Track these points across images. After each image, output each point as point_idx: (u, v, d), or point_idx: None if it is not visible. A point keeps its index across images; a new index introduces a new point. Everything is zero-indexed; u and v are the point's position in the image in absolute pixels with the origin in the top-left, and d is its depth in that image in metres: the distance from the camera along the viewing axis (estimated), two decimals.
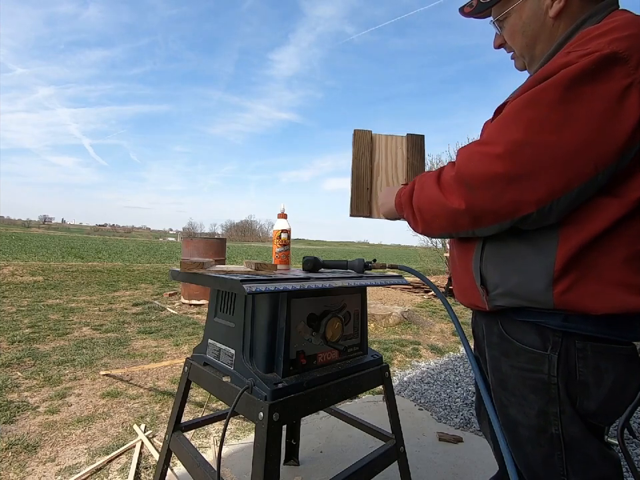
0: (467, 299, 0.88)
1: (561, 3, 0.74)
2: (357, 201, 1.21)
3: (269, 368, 1.02)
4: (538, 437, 0.76)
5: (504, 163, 0.63)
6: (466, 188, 0.68)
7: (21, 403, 2.25)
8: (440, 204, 0.73)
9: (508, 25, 0.83)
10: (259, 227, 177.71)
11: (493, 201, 0.66)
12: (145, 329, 4.08)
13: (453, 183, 0.70)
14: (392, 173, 1.25)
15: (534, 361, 0.75)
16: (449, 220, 0.73)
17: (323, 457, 1.84)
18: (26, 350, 3.18)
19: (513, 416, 0.80)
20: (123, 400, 2.37)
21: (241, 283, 0.90)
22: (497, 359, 0.82)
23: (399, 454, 1.29)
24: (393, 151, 1.26)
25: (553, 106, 0.62)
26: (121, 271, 9.31)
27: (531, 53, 0.83)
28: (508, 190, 0.64)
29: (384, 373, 1.28)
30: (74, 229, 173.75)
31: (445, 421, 2.27)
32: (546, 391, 0.74)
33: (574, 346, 0.71)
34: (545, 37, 0.79)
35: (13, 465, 1.68)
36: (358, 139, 1.26)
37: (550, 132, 0.61)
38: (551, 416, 0.74)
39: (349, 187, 1.22)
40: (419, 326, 4.62)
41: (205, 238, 5.56)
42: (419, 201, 0.79)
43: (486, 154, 0.65)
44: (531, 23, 0.79)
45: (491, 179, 0.65)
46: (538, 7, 0.77)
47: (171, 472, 1.64)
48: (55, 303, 5.18)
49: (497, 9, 0.83)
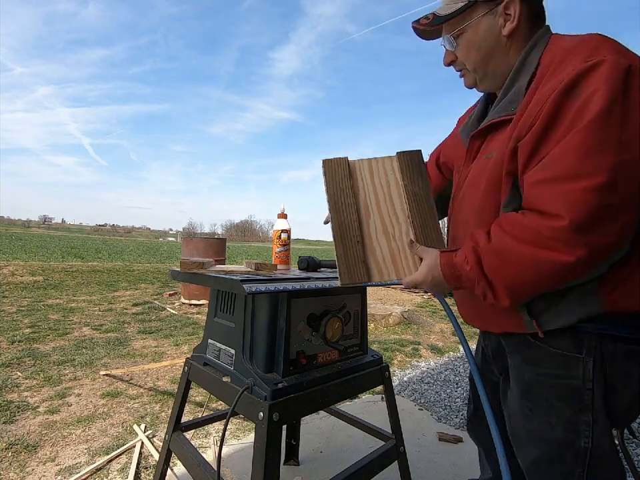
0: (492, 325, 0.86)
1: (513, 23, 0.78)
2: (347, 262, 0.86)
3: (269, 368, 1.02)
4: (562, 452, 0.73)
5: (611, 191, 0.60)
6: (583, 234, 0.61)
7: (20, 403, 2.25)
8: (545, 264, 0.64)
9: (463, 41, 0.84)
10: (259, 227, 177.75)
11: (611, 233, 0.62)
12: (145, 329, 4.08)
13: (565, 234, 0.62)
14: (388, 208, 0.91)
15: (565, 366, 0.72)
16: (555, 278, 0.66)
17: (322, 457, 1.84)
18: (26, 350, 3.18)
19: (533, 429, 0.77)
20: (123, 400, 2.37)
21: (241, 282, 0.90)
22: (520, 368, 0.81)
23: (399, 454, 1.29)
24: (383, 178, 0.93)
25: (622, 121, 0.61)
26: (121, 270, 9.31)
27: (485, 69, 0.85)
28: (620, 216, 0.62)
29: (384, 373, 1.28)
30: (74, 228, 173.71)
31: (445, 420, 2.27)
32: (578, 398, 0.71)
33: (607, 349, 0.70)
34: (499, 53, 0.82)
35: (13, 465, 1.68)
36: (330, 172, 0.93)
37: (630, 147, 0.61)
38: (582, 426, 0.71)
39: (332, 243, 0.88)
40: (419, 326, 4.62)
41: (205, 238, 5.56)
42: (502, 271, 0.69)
43: (589, 188, 0.60)
44: (486, 39, 0.81)
45: (604, 214, 0.61)
46: (493, 25, 0.80)
47: (170, 472, 1.64)
48: (55, 303, 5.17)
49: (452, 24, 0.83)
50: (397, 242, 0.89)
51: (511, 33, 0.79)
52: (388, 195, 0.92)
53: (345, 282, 0.85)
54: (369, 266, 0.87)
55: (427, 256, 0.81)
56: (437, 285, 0.80)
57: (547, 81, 0.69)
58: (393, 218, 0.91)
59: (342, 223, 0.89)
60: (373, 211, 0.91)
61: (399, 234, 0.89)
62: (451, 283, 0.77)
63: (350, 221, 0.89)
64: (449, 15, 0.81)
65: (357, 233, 0.88)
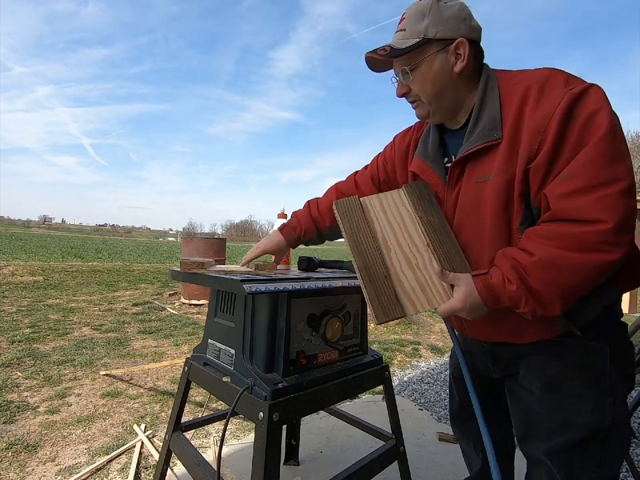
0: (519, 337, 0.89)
1: (464, 62, 0.86)
2: (380, 300, 0.84)
3: (269, 368, 1.02)
4: (588, 434, 0.81)
5: (632, 191, 0.69)
6: (624, 233, 0.69)
7: (21, 403, 2.25)
8: (594, 267, 0.69)
9: (418, 74, 0.88)
10: (259, 227, 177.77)
11: (633, 228, 0.71)
12: (145, 329, 4.08)
13: (611, 237, 0.67)
14: (407, 240, 0.91)
15: (587, 355, 0.82)
16: (597, 279, 0.72)
17: (322, 457, 1.84)
18: (26, 350, 3.18)
19: (560, 420, 0.84)
20: (123, 400, 2.37)
21: (241, 282, 0.90)
22: (543, 364, 0.87)
23: (399, 454, 1.29)
24: (395, 211, 0.95)
25: (622, 135, 0.72)
26: (121, 270, 9.31)
27: (438, 102, 0.90)
28: (635, 215, 0.71)
29: (384, 372, 1.28)
30: (74, 228, 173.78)
31: (445, 421, 2.27)
32: (601, 382, 0.81)
33: (616, 332, 0.85)
34: (452, 89, 0.89)
35: (13, 465, 1.68)
36: (345, 213, 0.94)
37: (628, 155, 0.72)
38: (607, 407, 0.80)
39: (360, 284, 0.87)
40: (419, 326, 4.62)
41: (205, 238, 5.56)
42: (555, 282, 0.71)
43: (621, 192, 0.68)
44: (440, 75, 0.87)
45: (632, 213, 0.69)
46: (445, 62, 0.87)
47: (170, 472, 1.64)
48: (55, 303, 5.18)
49: (407, 58, 0.88)
50: (423, 271, 0.88)
51: (461, 71, 0.87)
52: (404, 227, 0.93)
53: (381, 320, 0.83)
54: (401, 300, 0.85)
55: (459, 282, 0.80)
56: (476, 309, 0.79)
57: (535, 108, 0.76)
58: (413, 249, 0.90)
59: (366, 263, 0.88)
60: (392, 244, 0.91)
61: (422, 263, 0.89)
62: (490, 305, 0.77)
63: (374, 258, 0.88)
64: (407, 49, 0.86)
65: (382, 270, 0.87)
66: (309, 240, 1.27)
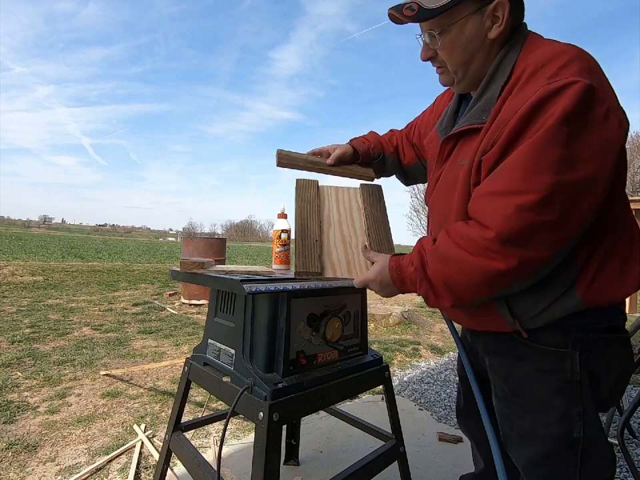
0: (478, 324, 0.88)
1: (501, 27, 0.76)
2: (304, 254, 1.00)
3: (269, 368, 1.02)
4: (558, 446, 0.75)
5: (543, 210, 0.63)
6: (512, 246, 0.65)
7: (21, 403, 2.25)
8: (480, 271, 0.69)
9: (447, 39, 0.79)
10: (259, 227, 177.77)
11: (542, 248, 0.66)
12: (145, 329, 4.08)
13: (495, 246, 0.66)
14: (348, 224, 1.09)
15: (555, 361, 0.75)
16: (490, 284, 0.70)
17: (322, 457, 1.84)
18: (26, 350, 3.18)
19: (527, 429, 0.78)
20: (123, 400, 2.37)
21: (241, 282, 0.90)
22: (510, 366, 0.81)
23: (399, 454, 1.29)
24: (347, 203, 1.12)
25: (567, 143, 0.62)
26: (121, 271, 9.31)
27: (465, 71, 0.82)
28: (553, 233, 0.65)
29: (384, 372, 1.28)
30: (74, 228, 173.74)
31: (445, 421, 2.27)
32: (569, 390, 0.74)
33: (588, 340, 0.74)
34: (482, 56, 0.79)
35: (13, 465, 1.68)
36: (301, 188, 1.12)
37: (572, 169, 0.63)
38: (575, 417, 0.73)
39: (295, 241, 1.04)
40: (419, 326, 4.62)
41: (205, 238, 5.56)
42: (443, 274, 0.73)
43: (522, 206, 0.64)
44: (472, 41, 0.78)
45: (535, 230, 0.64)
46: (480, 26, 0.76)
47: (170, 472, 1.64)
48: (55, 303, 5.18)
49: (436, 21, 0.77)
50: (353, 250, 1.05)
51: (498, 35, 0.77)
52: (349, 213, 1.11)
53: (298, 270, 0.98)
54: (324, 264, 1.01)
55: (378, 259, 0.90)
56: (385, 286, 0.86)
57: (515, 95, 0.70)
58: (351, 231, 1.08)
59: (304, 225, 1.05)
60: (334, 223, 1.09)
61: (355, 243, 1.06)
62: (397, 284, 0.83)
63: (312, 224, 1.05)
64: (436, 10, 0.75)
65: (316, 234, 1.04)
66: (376, 156, 1.19)
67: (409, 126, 1.23)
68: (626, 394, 2.26)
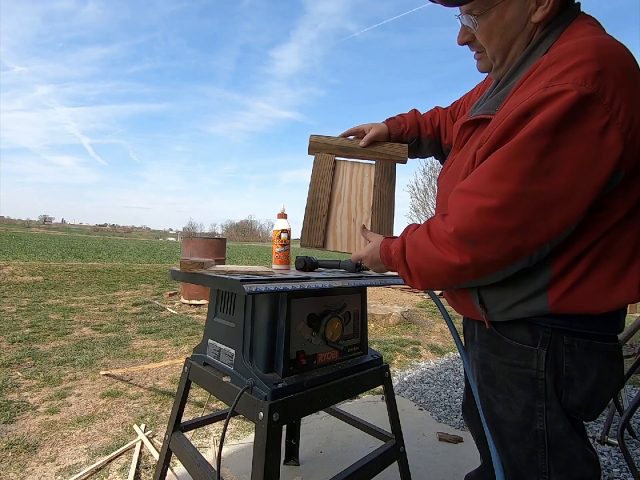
0: (462, 310, 0.90)
1: (547, 9, 0.69)
2: (310, 227, 1.08)
3: (269, 368, 1.02)
4: (522, 433, 0.77)
5: (502, 216, 0.63)
6: (467, 244, 0.67)
7: (20, 403, 2.25)
8: (440, 262, 0.71)
9: (486, 23, 0.74)
10: (259, 227, 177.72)
11: (497, 252, 0.66)
12: (145, 328, 4.08)
13: (453, 241, 0.69)
14: (357, 200, 1.13)
15: (523, 357, 0.76)
16: (451, 275, 0.72)
17: (323, 457, 1.84)
18: (26, 350, 3.18)
19: (498, 414, 0.81)
20: (123, 400, 2.37)
21: (241, 282, 0.90)
22: (487, 356, 0.83)
23: (399, 454, 1.29)
24: (359, 179, 1.15)
25: (541, 154, 0.60)
26: (121, 271, 9.31)
27: (504, 58, 0.78)
28: (510, 240, 0.65)
29: (384, 372, 1.28)
30: (74, 229, 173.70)
31: (445, 420, 2.27)
32: (533, 386, 0.75)
33: (562, 342, 0.73)
34: (522, 42, 0.74)
35: (13, 464, 1.68)
36: (319, 163, 1.16)
37: (541, 181, 0.61)
38: (537, 411, 0.75)
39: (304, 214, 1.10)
40: (419, 326, 4.62)
41: (205, 238, 5.56)
42: (414, 260, 0.78)
43: (482, 208, 0.64)
44: (513, 26, 0.72)
45: (491, 233, 0.65)
46: (523, 9, 0.71)
47: (170, 472, 1.64)
48: (55, 303, 5.18)
49: (476, 3, 0.72)
50: (357, 226, 1.11)
51: (542, 19, 0.70)
52: (360, 190, 1.15)
53: (303, 244, 1.07)
54: (327, 237, 1.09)
55: (373, 239, 0.97)
56: (375, 263, 0.93)
57: (521, 92, 0.67)
58: (358, 207, 1.13)
59: (315, 199, 1.11)
60: (343, 199, 1.13)
61: (359, 220, 1.12)
62: (385, 263, 0.89)
63: (322, 201, 1.11)
64: None
65: (324, 210, 1.11)
66: (411, 139, 1.18)
67: (455, 104, 1.20)
68: (626, 394, 2.26)
